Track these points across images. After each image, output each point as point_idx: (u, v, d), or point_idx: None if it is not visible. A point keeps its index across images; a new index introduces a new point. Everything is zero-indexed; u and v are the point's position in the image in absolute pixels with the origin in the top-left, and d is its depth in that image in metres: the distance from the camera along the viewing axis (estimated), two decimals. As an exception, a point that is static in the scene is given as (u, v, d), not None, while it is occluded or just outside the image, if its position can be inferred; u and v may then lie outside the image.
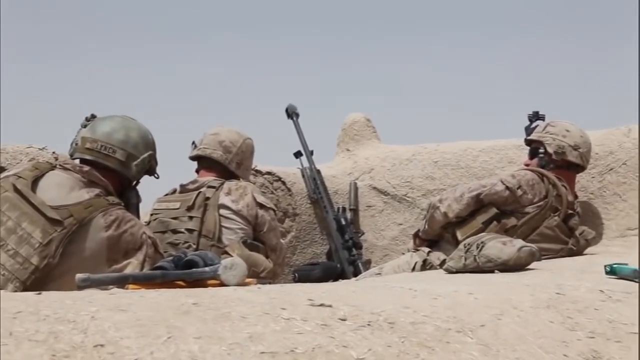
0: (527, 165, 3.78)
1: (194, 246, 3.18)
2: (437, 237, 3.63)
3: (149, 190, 3.12)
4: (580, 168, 3.74)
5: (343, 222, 4.23)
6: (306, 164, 4.47)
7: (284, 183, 4.41)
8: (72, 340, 1.04)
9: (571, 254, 3.42)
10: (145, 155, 2.82)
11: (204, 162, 3.55)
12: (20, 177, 2.53)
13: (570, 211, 3.50)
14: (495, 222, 3.39)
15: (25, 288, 2.31)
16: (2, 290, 2.18)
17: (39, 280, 2.37)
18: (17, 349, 0.98)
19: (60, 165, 2.65)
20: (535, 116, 4.06)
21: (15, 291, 2.27)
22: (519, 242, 2.60)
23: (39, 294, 1.45)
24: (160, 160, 2.94)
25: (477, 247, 2.56)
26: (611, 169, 3.93)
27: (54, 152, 3.56)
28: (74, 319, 1.15)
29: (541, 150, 3.71)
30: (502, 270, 2.49)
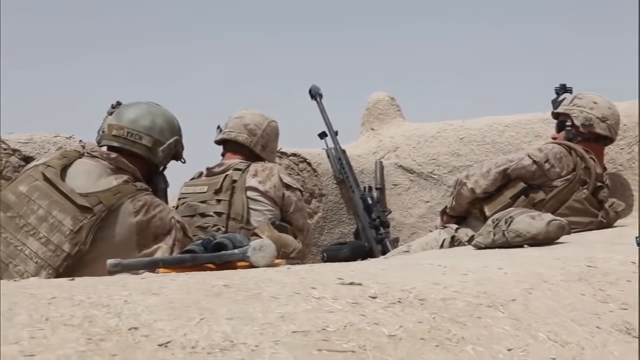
0: (554, 138, 3.74)
1: (223, 229, 3.19)
2: (465, 213, 3.61)
3: (176, 175, 3.14)
4: (608, 140, 3.69)
5: (370, 202, 4.23)
6: (331, 145, 4.46)
7: (309, 164, 4.41)
8: (106, 324, 1.06)
9: (601, 226, 3.39)
10: (172, 140, 2.84)
11: (229, 146, 3.56)
12: (49, 165, 2.56)
13: (599, 184, 3.47)
14: (523, 197, 3.37)
15: (58, 275, 2.34)
16: (35, 277, 2.22)
17: (71, 267, 2.41)
18: (54, 333, 1.00)
19: (87, 153, 2.68)
20: (563, 89, 4.02)
21: (49, 278, 2.31)
22: (548, 216, 2.58)
23: (72, 280, 1.46)
24: (186, 145, 2.95)
25: (506, 222, 2.54)
26: (640, 140, 3.88)
27: (81, 141, 3.59)
28: (107, 303, 1.16)
29: (568, 123, 3.67)
30: (531, 245, 2.47)
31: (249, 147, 3.49)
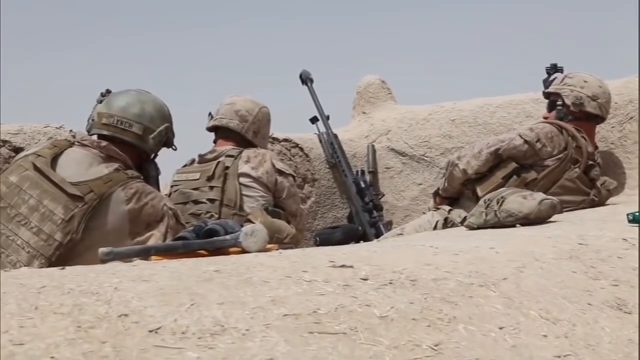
0: (545, 118, 3.74)
1: (216, 216, 3.19)
2: (457, 194, 3.62)
3: (168, 162, 3.13)
4: (599, 119, 3.69)
5: (362, 185, 4.23)
6: (323, 129, 4.46)
7: (301, 149, 4.41)
8: (96, 312, 1.06)
9: (593, 205, 3.40)
10: (162, 127, 2.83)
11: (221, 132, 3.55)
12: (40, 155, 2.55)
13: (590, 162, 3.48)
14: (515, 177, 3.37)
15: (51, 264, 2.34)
16: (27, 267, 2.21)
17: (64, 256, 2.40)
18: (43, 322, 1.00)
19: (78, 142, 2.67)
20: (554, 69, 4.01)
21: (41, 268, 2.30)
22: (540, 196, 2.59)
23: (63, 268, 1.46)
24: (177, 132, 2.95)
25: (498, 202, 2.54)
26: (631, 118, 3.88)
27: (71, 130, 3.58)
28: (97, 291, 1.16)
29: (559, 103, 3.67)
30: (523, 224, 2.48)
31: (240, 134, 3.49)
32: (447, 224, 3.47)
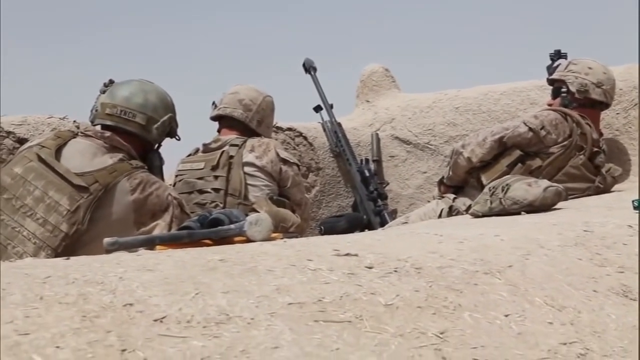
0: (550, 105, 3.73)
1: (221, 205, 3.20)
2: (462, 182, 3.61)
3: (172, 152, 3.14)
4: (604, 105, 3.68)
5: (367, 174, 4.23)
6: (327, 118, 4.45)
7: (305, 138, 4.40)
8: (101, 301, 1.05)
9: (598, 192, 3.39)
10: (165, 117, 2.83)
11: (225, 122, 3.55)
12: (44, 146, 2.55)
13: (595, 149, 3.47)
14: (519, 164, 3.37)
15: (57, 255, 2.34)
16: (32, 258, 2.22)
17: (70, 247, 2.41)
18: (48, 312, 0.99)
19: (81, 132, 2.67)
20: (557, 55, 4.00)
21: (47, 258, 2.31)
22: (545, 183, 2.59)
23: (68, 259, 1.46)
24: (180, 121, 2.95)
25: (503, 190, 2.54)
26: (636, 104, 3.87)
27: (74, 121, 3.58)
28: (102, 281, 1.16)
29: (563, 89, 3.65)
30: (528, 212, 2.48)
31: (244, 123, 3.48)
32: (451, 212, 3.47)
